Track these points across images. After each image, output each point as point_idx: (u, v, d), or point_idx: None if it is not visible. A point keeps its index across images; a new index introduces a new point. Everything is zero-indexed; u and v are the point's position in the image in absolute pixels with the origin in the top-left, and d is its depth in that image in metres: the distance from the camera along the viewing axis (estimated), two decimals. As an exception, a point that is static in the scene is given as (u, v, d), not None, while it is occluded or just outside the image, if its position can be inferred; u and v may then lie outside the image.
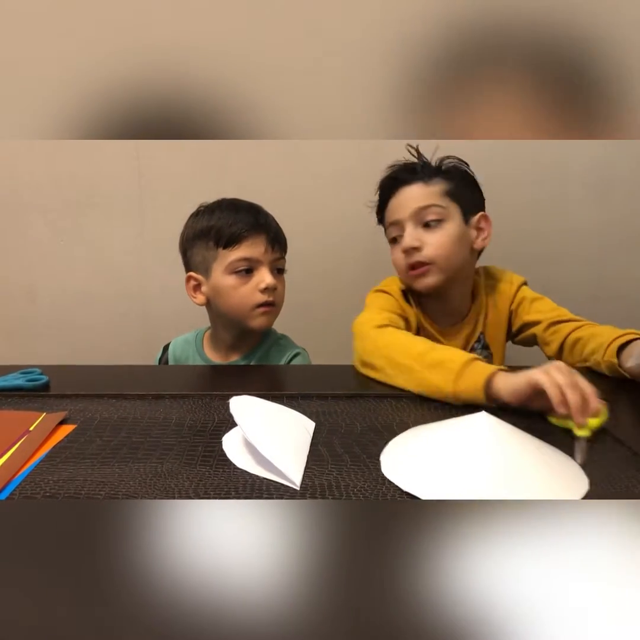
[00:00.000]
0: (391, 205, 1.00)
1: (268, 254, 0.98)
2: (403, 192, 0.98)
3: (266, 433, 0.58)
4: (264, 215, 1.01)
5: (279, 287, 1.00)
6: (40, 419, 0.65)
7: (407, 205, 0.96)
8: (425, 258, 0.95)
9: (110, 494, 0.49)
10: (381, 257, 1.21)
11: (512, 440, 0.54)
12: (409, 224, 0.96)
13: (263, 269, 0.98)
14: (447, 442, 0.55)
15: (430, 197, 0.96)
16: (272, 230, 1.00)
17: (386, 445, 0.59)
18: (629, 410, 0.74)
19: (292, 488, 0.51)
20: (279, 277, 1.01)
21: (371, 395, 0.76)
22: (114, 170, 1.39)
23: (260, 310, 0.98)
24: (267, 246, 0.98)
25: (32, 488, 0.50)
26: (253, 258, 0.97)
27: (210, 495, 0.49)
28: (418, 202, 0.96)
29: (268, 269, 0.98)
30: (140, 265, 1.39)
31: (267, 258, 0.98)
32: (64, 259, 1.44)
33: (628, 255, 1.44)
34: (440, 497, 0.48)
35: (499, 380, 0.69)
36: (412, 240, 0.95)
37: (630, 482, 0.52)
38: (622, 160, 1.38)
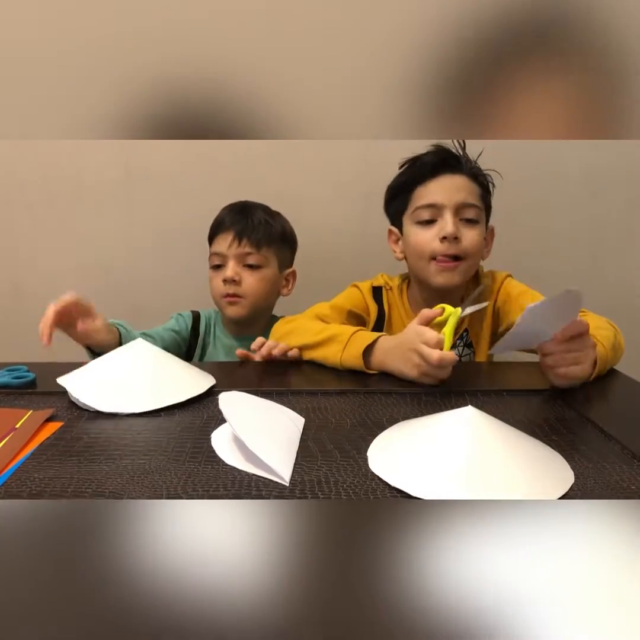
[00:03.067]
0: (431, 186, 0.95)
1: (232, 248, 1.06)
2: (448, 178, 0.95)
3: (255, 429, 0.58)
4: (243, 211, 1.08)
5: (248, 280, 1.07)
6: (26, 417, 0.65)
7: (451, 193, 0.93)
8: (461, 252, 0.93)
9: (97, 492, 0.49)
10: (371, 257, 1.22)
11: (497, 434, 0.54)
12: (450, 212, 0.93)
13: (229, 262, 1.07)
14: (433, 436, 0.55)
15: (473, 195, 0.95)
16: (242, 225, 1.05)
17: (373, 441, 0.59)
18: (618, 405, 0.75)
19: (281, 484, 0.51)
20: (250, 271, 1.07)
21: (361, 391, 0.75)
22: (100, 163, 1.37)
23: (225, 300, 1.08)
24: (233, 241, 1.06)
25: (17, 486, 0.50)
26: (220, 253, 1.08)
27: (199, 492, 0.49)
28: (463, 196, 0.93)
29: (233, 262, 1.06)
30: (128, 258, 1.38)
31: (231, 252, 1.06)
32: (50, 254, 1.43)
33: (620, 251, 1.45)
34: (427, 492, 0.48)
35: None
36: (457, 230, 0.92)
37: (619, 476, 0.52)
38: (613, 159, 1.39)
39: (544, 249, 1.44)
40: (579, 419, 0.66)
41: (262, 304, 1.11)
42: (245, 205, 1.10)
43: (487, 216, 0.99)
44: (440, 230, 0.93)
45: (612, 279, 1.47)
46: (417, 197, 0.97)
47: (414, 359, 0.76)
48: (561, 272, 1.42)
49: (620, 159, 1.39)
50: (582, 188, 1.41)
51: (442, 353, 0.72)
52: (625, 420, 0.67)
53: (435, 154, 0.97)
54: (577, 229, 1.44)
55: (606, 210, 1.43)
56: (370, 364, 0.82)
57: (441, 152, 0.97)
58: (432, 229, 0.94)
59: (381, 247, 1.10)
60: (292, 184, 1.38)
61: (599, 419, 0.65)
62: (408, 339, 0.77)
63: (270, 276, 1.09)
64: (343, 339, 0.84)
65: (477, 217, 0.95)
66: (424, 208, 0.95)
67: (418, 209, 0.96)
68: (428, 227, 0.95)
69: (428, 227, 0.95)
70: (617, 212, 1.43)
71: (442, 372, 0.75)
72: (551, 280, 0.89)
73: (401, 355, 0.78)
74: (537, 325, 0.69)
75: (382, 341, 0.82)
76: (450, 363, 0.73)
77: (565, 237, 1.44)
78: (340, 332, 0.85)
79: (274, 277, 1.11)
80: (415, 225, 0.97)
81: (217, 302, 1.12)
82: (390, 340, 0.82)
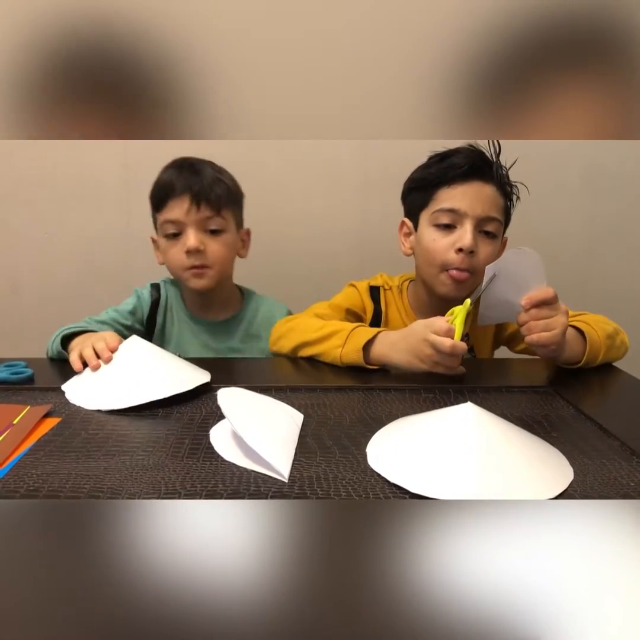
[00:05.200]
0: (457, 190, 0.90)
1: (192, 214, 0.93)
2: (476, 186, 0.90)
3: (254, 425, 0.58)
4: (193, 170, 0.96)
5: (213, 247, 0.96)
6: (24, 412, 0.64)
7: (476, 203, 0.89)
8: (473, 267, 0.89)
9: (95, 488, 0.49)
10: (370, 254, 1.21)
11: (496, 431, 0.54)
12: (471, 223, 0.89)
13: (188, 230, 0.94)
14: (432, 432, 0.55)
15: (497, 208, 0.92)
16: (198, 188, 0.93)
17: (372, 437, 0.59)
18: (617, 401, 0.75)
19: (280, 480, 0.50)
20: (214, 237, 0.97)
21: (360, 388, 0.75)
22: (99, 161, 1.37)
23: (191, 272, 0.96)
24: (191, 206, 0.93)
25: (15, 482, 0.49)
26: (177, 220, 0.95)
27: (197, 488, 0.49)
28: (488, 208, 0.90)
29: (194, 230, 0.94)
30: (126, 256, 1.38)
31: (191, 219, 0.94)
32: (48, 251, 1.42)
33: (616, 249, 1.45)
34: (426, 488, 0.48)
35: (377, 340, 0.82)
36: (474, 244, 0.89)
37: (618, 472, 0.52)
38: (612, 158, 1.39)
39: (544, 248, 1.43)
40: (578, 416, 0.66)
41: (228, 270, 1.04)
42: (191, 163, 0.98)
43: (505, 228, 0.96)
44: (458, 241, 0.89)
45: (611, 277, 1.46)
46: (440, 198, 0.92)
47: (425, 350, 0.76)
48: (560, 272, 1.42)
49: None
50: (583, 187, 1.41)
51: (453, 341, 0.74)
52: (624, 417, 0.66)
53: (468, 157, 0.91)
54: (577, 228, 1.44)
55: (606, 209, 1.43)
56: (370, 358, 0.82)
57: (475, 156, 0.92)
58: (449, 236, 0.90)
59: (381, 247, 1.09)
60: (292, 184, 1.37)
61: (598, 416, 0.65)
62: (416, 331, 0.78)
63: (231, 240, 1.00)
64: (343, 334, 0.84)
65: (496, 232, 0.92)
66: (445, 212, 0.91)
67: (438, 211, 0.92)
68: (445, 232, 0.91)
69: (445, 232, 0.91)
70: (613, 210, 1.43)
71: (455, 360, 0.76)
72: (550, 280, 0.88)
73: (409, 347, 0.79)
74: (504, 291, 0.78)
75: (383, 335, 0.83)
76: (462, 351, 0.75)
77: (564, 236, 1.44)
78: (340, 328, 0.85)
79: (235, 240, 1.02)
80: (433, 227, 0.93)
81: (179, 275, 1.00)
82: (392, 334, 0.82)
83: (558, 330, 0.75)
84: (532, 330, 0.76)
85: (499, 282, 0.78)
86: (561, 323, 0.75)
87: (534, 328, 0.75)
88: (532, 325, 0.76)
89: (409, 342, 0.79)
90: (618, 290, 1.45)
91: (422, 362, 0.78)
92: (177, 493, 0.48)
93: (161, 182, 0.98)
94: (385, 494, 0.48)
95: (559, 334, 0.75)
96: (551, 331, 0.75)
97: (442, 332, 0.74)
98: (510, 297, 0.77)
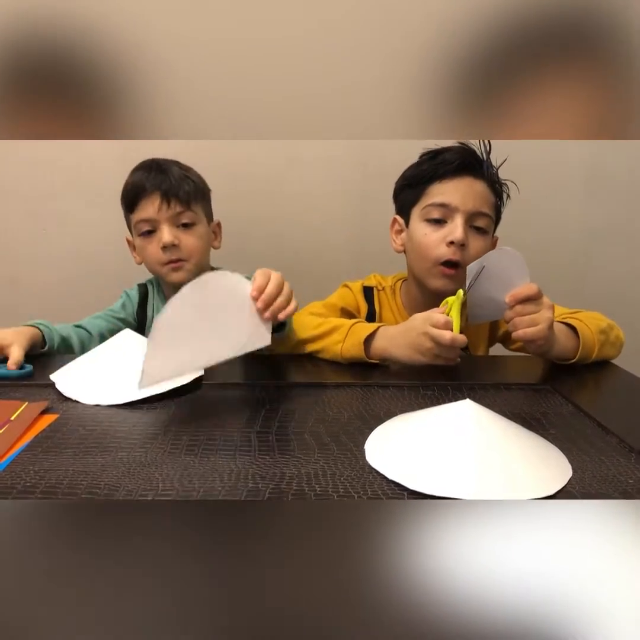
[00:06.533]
0: (448, 185, 0.92)
1: (163, 211, 0.98)
2: (467, 181, 0.92)
3: None
4: (161, 170, 1.01)
5: (187, 241, 1.01)
6: (22, 408, 0.64)
7: (467, 198, 0.90)
8: (465, 260, 0.89)
9: (93, 484, 0.48)
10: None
11: (494, 428, 0.54)
12: (462, 217, 0.90)
13: (162, 226, 0.99)
14: (430, 430, 0.55)
15: (488, 204, 0.93)
16: (167, 185, 0.98)
17: (370, 434, 0.59)
18: (616, 399, 0.75)
19: (277, 477, 0.50)
20: (186, 231, 1.01)
21: (358, 385, 0.75)
22: (96, 157, 1.36)
23: (169, 267, 1.01)
24: (162, 203, 0.98)
25: (12, 478, 0.49)
26: (150, 218, 0.99)
27: (195, 485, 0.49)
28: (479, 204, 0.91)
29: (167, 225, 0.99)
30: (124, 253, 1.37)
31: (162, 215, 0.98)
32: (46, 248, 1.42)
33: (614, 248, 1.45)
34: (424, 485, 0.48)
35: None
36: (465, 237, 0.90)
37: (617, 469, 0.52)
38: (612, 158, 1.39)
39: (542, 248, 1.43)
40: (576, 413, 0.66)
41: (203, 262, 1.07)
42: (158, 163, 1.03)
43: (495, 226, 0.97)
44: (449, 234, 0.90)
45: (610, 277, 1.46)
46: (431, 193, 0.93)
47: (425, 343, 0.78)
48: (559, 272, 1.42)
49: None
50: (582, 187, 1.41)
51: (453, 333, 0.75)
52: (622, 414, 0.66)
53: (459, 154, 0.93)
54: (575, 228, 1.43)
55: (605, 209, 1.42)
56: (370, 353, 0.83)
57: (466, 153, 0.93)
58: (440, 230, 0.92)
59: (377, 247, 1.09)
60: (287, 184, 1.37)
61: (597, 413, 0.65)
62: (415, 325, 0.79)
63: (203, 232, 1.05)
64: (343, 330, 0.84)
65: (487, 227, 0.93)
66: (436, 206, 0.92)
67: (430, 206, 0.93)
68: (436, 227, 0.92)
69: (436, 227, 0.92)
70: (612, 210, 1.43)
71: (454, 352, 0.78)
72: (549, 280, 0.88)
73: (409, 341, 0.80)
74: (490, 289, 0.79)
75: (383, 330, 0.84)
76: (461, 343, 0.76)
77: (563, 236, 1.44)
78: (340, 324, 0.86)
79: (207, 232, 1.06)
80: (424, 222, 0.94)
81: (157, 271, 1.05)
82: (392, 328, 0.84)
83: (543, 325, 0.75)
84: (517, 327, 0.76)
85: (485, 281, 0.80)
86: (546, 318, 0.76)
87: (519, 324, 0.76)
88: (517, 322, 0.76)
89: (409, 336, 0.80)
90: (617, 290, 1.45)
91: (422, 355, 0.79)
92: (174, 490, 0.48)
93: (131, 184, 1.02)
94: (384, 491, 0.48)
95: (544, 328, 0.75)
96: (536, 326, 0.75)
97: (441, 325, 0.76)
98: (497, 295, 0.78)
